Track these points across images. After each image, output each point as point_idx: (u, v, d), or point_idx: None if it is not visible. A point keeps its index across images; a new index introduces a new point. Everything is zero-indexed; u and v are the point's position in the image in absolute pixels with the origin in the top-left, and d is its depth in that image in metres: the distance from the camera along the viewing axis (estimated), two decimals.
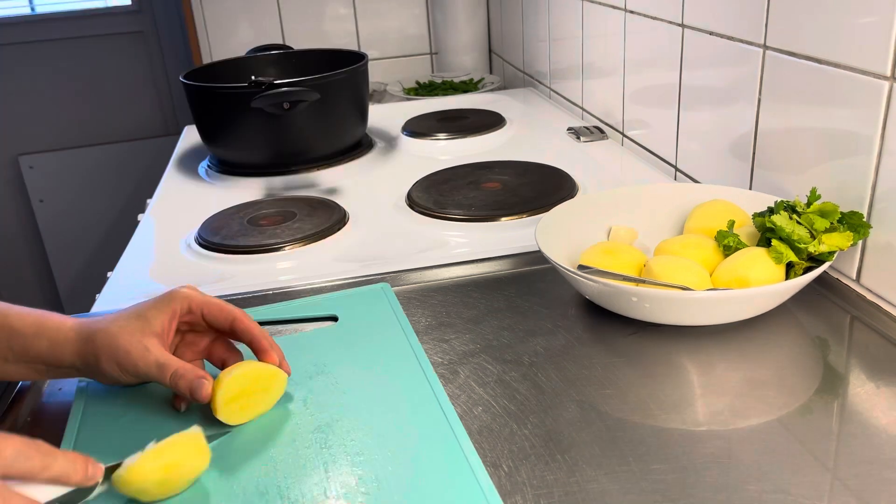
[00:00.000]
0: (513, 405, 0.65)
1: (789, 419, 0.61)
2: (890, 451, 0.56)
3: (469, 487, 0.55)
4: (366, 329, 0.78)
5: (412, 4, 2.15)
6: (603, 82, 1.38)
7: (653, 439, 0.59)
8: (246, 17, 2.06)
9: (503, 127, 1.44)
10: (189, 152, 1.47)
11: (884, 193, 0.73)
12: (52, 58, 2.55)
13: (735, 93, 0.95)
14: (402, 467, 0.58)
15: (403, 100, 1.87)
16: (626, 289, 0.72)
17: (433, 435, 0.61)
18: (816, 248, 0.72)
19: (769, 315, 0.74)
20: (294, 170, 1.27)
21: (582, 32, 1.43)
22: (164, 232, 1.11)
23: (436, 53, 2.19)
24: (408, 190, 1.13)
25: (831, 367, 0.68)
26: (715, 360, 0.69)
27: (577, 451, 0.59)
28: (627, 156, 1.27)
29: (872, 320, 0.73)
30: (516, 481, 0.56)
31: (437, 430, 0.61)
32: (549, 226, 0.83)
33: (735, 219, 0.80)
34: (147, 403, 0.67)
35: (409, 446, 0.60)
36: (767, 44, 0.87)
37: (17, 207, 2.66)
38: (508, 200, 1.06)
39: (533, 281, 0.86)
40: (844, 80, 0.76)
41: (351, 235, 1.01)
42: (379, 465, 0.58)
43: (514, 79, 1.94)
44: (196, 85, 1.27)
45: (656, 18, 1.13)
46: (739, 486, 0.54)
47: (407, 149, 1.39)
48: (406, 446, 0.60)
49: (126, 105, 2.65)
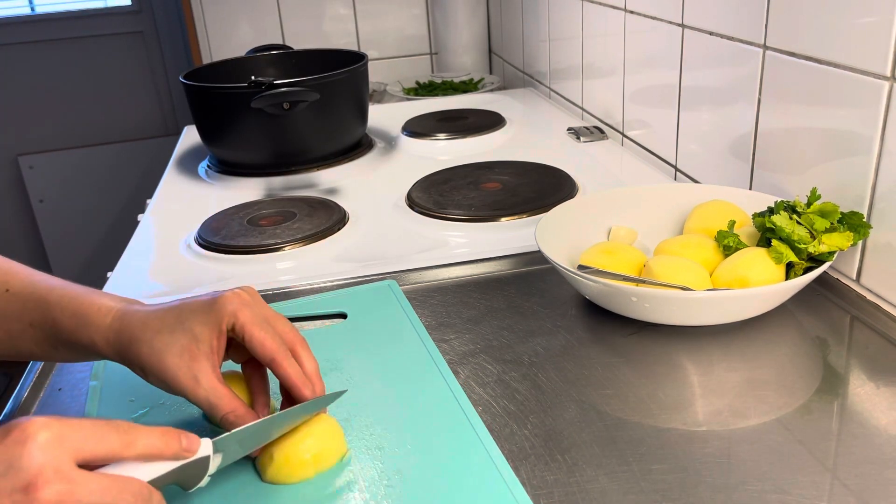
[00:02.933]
0: (513, 405, 0.65)
1: (789, 419, 0.61)
2: (890, 450, 0.56)
3: (491, 478, 0.56)
4: (375, 325, 0.78)
5: (412, 4, 2.15)
6: (603, 82, 1.38)
7: (653, 439, 0.59)
8: (246, 18, 2.06)
9: (503, 127, 1.44)
10: (189, 152, 1.47)
11: (884, 193, 0.73)
12: (52, 58, 2.55)
13: (735, 93, 0.95)
14: (424, 459, 0.58)
15: (403, 100, 1.87)
16: (625, 289, 0.72)
17: (452, 427, 0.61)
18: (816, 249, 0.72)
19: (769, 315, 0.74)
20: (294, 170, 1.27)
21: (582, 32, 1.43)
22: (163, 232, 1.11)
23: (436, 53, 2.19)
24: (408, 190, 1.13)
25: (831, 368, 0.68)
26: (715, 360, 0.69)
27: (577, 451, 0.59)
28: (627, 156, 1.27)
29: (872, 320, 0.73)
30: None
31: (455, 423, 0.62)
32: (549, 226, 0.83)
33: (735, 219, 0.80)
34: (166, 402, 0.67)
35: (429, 439, 0.60)
36: (767, 44, 0.87)
37: (17, 208, 2.67)
38: (508, 200, 1.06)
39: (533, 281, 0.86)
40: (844, 81, 0.76)
41: (351, 236, 1.01)
42: (400, 458, 0.58)
43: (514, 79, 1.94)
44: (196, 85, 1.27)
45: (656, 18, 1.13)
46: (739, 486, 0.54)
47: (407, 149, 1.40)
48: (425, 439, 0.60)
49: (126, 105, 2.65)
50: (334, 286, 0.87)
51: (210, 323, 0.56)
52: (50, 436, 0.40)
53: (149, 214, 1.18)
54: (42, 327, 0.60)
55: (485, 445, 0.59)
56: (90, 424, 0.42)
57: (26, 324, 0.60)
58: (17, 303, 0.60)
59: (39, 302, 0.60)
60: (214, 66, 1.48)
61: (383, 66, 2.16)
